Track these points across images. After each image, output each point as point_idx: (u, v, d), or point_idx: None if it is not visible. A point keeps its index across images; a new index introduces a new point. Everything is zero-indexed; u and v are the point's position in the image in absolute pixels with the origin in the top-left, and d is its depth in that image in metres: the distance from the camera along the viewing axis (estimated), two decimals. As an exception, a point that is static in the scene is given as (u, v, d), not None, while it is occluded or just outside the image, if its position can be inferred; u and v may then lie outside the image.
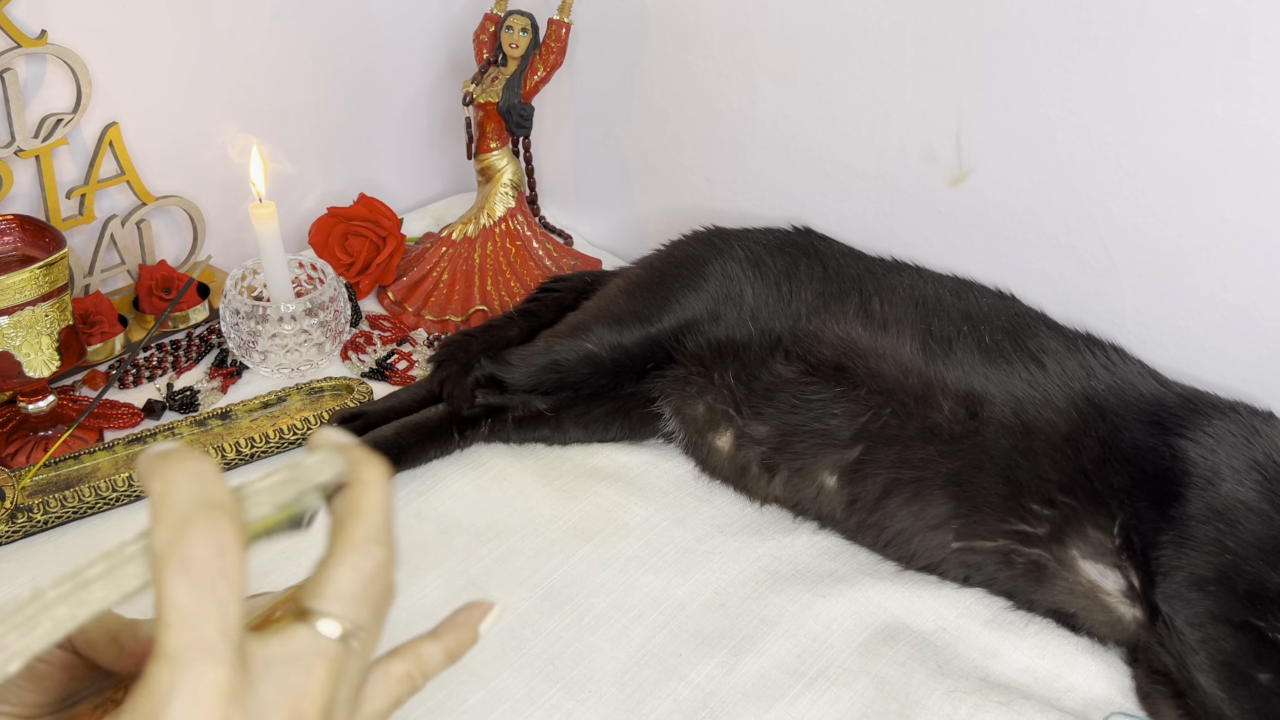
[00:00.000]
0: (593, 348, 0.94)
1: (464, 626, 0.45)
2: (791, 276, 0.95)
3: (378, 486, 0.40)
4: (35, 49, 0.94)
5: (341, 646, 0.37)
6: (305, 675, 0.36)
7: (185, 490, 0.34)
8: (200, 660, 0.33)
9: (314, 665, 0.36)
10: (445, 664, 0.44)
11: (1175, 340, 0.91)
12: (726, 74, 1.11)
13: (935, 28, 0.94)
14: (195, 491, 0.34)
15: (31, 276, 0.83)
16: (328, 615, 0.37)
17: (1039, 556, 0.79)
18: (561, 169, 1.33)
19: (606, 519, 0.89)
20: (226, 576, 0.33)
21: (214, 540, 0.33)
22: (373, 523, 0.39)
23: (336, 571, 0.38)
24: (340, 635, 0.37)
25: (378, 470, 0.40)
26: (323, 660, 0.36)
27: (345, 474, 0.39)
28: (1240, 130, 0.81)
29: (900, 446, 0.84)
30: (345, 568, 0.38)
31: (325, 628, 0.37)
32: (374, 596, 0.39)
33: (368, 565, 0.38)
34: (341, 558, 0.38)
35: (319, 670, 0.36)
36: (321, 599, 0.37)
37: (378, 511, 0.39)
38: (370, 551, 0.38)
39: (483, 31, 1.15)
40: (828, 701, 0.75)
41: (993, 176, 0.96)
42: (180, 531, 0.33)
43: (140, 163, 1.06)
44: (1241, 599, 0.71)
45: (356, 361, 1.07)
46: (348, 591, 0.38)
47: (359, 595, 0.38)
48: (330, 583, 0.38)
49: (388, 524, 0.40)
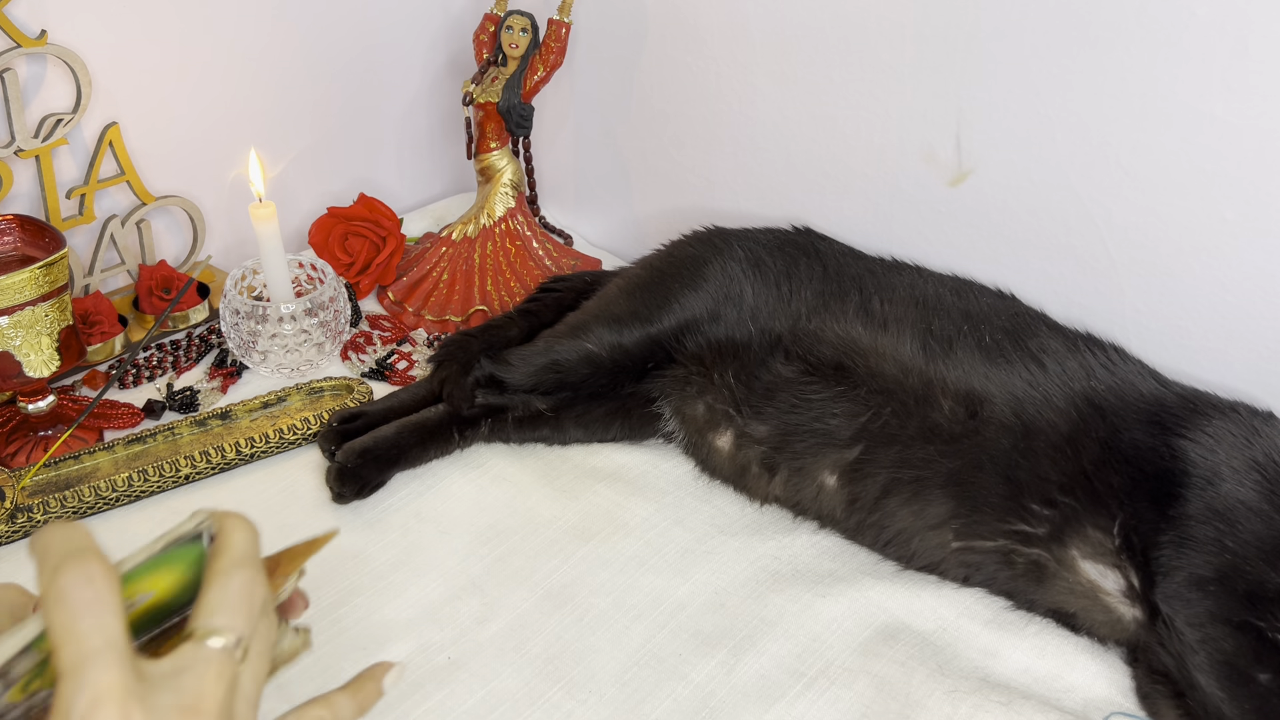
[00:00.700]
0: (593, 348, 0.94)
1: (371, 681, 0.53)
2: (791, 276, 0.95)
3: (237, 528, 0.46)
4: (35, 49, 0.94)
5: (226, 654, 0.43)
6: (198, 680, 0.41)
7: (56, 545, 0.41)
8: (91, 666, 0.39)
9: (204, 672, 0.42)
10: (356, 715, 0.51)
11: (1175, 340, 0.91)
12: (726, 74, 1.11)
13: (935, 28, 0.94)
14: (64, 543, 0.41)
15: (31, 276, 0.83)
16: (210, 630, 0.43)
17: (1039, 556, 0.79)
18: (561, 169, 1.33)
19: (606, 519, 0.89)
20: (100, 599, 0.40)
21: (82, 574, 0.40)
22: (235, 553, 0.45)
23: (210, 594, 0.44)
24: (223, 645, 0.43)
25: (236, 518, 0.47)
26: (211, 666, 0.42)
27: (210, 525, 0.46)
28: (1240, 130, 0.81)
29: (900, 446, 0.84)
30: (216, 589, 0.44)
31: (210, 641, 0.43)
32: (247, 609, 0.44)
33: (235, 583, 0.45)
34: (212, 582, 0.45)
35: (209, 675, 0.42)
36: (201, 617, 0.44)
37: (237, 545, 0.46)
38: (234, 573, 0.45)
39: (483, 31, 1.15)
40: (828, 701, 0.75)
41: (993, 176, 0.96)
42: (55, 574, 0.40)
43: (140, 163, 1.06)
44: (1241, 599, 0.71)
45: (356, 361, 1.07)
46: (222, 607, 0.44)
47: (233, 608, 0.44)
48: (206, 603, 0.44)
49: (249, 554, 0.46)
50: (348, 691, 0.51)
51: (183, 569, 0.46)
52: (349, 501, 0.89)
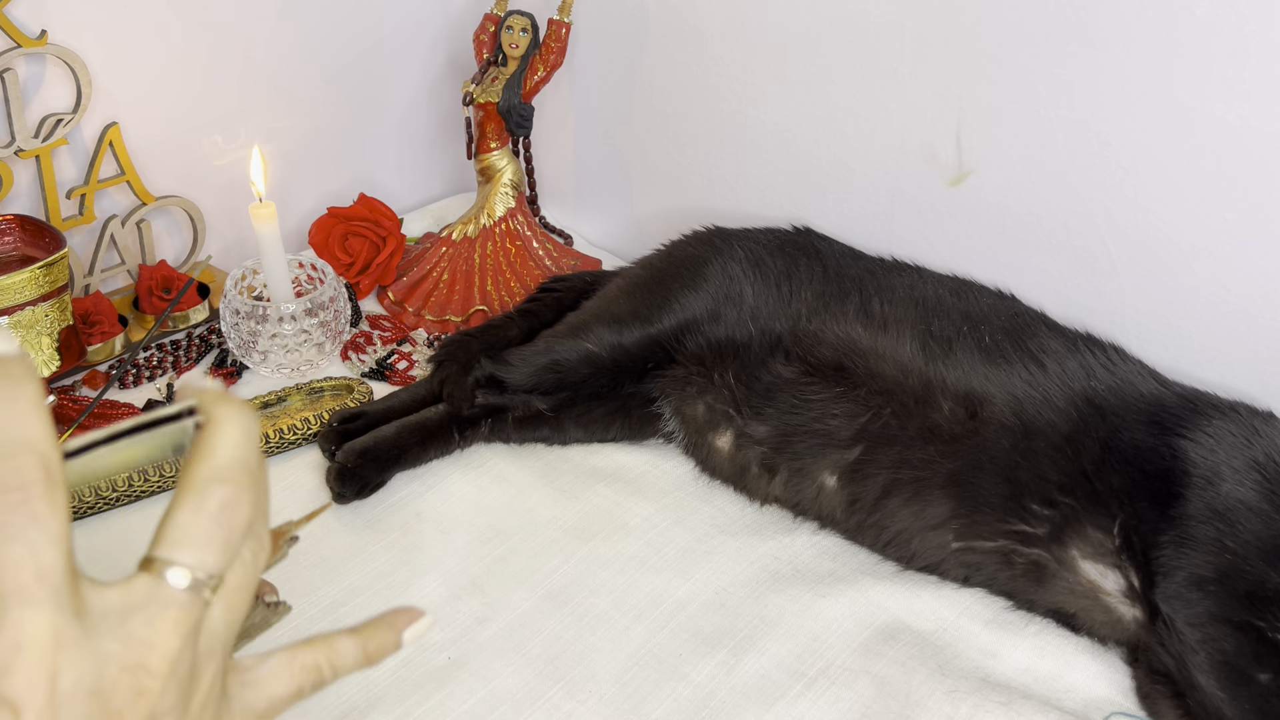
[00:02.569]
0: (593, 348, 0.94)
1: (389, 628, 0.43)
2: (791, 276, 0.95)
3: (228, 424, 0.37)
4: (35, 49, 0.94)
5: (190, 595, 0.34)
6: (148, 628, 0.33)
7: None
8: (16, 605, 0.31)
9: (157, 615, 0.34)
10: (361, 664, 0.41)
11: (1175, 340, 0.91)
12: (726, 74, 1.11)
13: (935, 28, 0.94)
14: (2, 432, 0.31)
15: (31, 276, 0.83)
16: (174, 563, 0.34)
17: (1039, 556, 0.79)
18: (561, 169, 1.33)
19: (606, 519, 0.89)
20: (36, 520, 0.31)
21: (16, 485, 0.31)
22: (217, 460, 0.36)
23: (179, 514, 0.35)
24: (190, 584, 0.34)
25: (230, 407, 0.37)
26: (168, 610, 0.34)
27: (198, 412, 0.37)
28: (1240, 130, 0.81)
29: (900, 446, 0.84)
30: (187, 509, 0.35)
31: (171, 576, 0.34)
32: (224, 540, 0.35)
33: (209, 505, 0.35)
34: (184, 499, 0.35)
35: (164, 621, 0.34)
36: (165, 545, 0.35)
37: (225, 449, 0.36)
38: (211, 491, 0.35)
39: (483, 31, 1.15)
40: (828, 701, 0.75)
41: (993, 176, 0.96)
42: None
43: (140, 163, 1.06)
44: (1241, 599, 0.71)
45: (356, 361, 1.07)
46: (190, 535, 0.35)
47: (204, 538, 0.35)
48: (173, 526, 0.35)
49: (238, 462, 0.36)
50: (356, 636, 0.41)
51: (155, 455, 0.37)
52: (349, 501, 0.89)
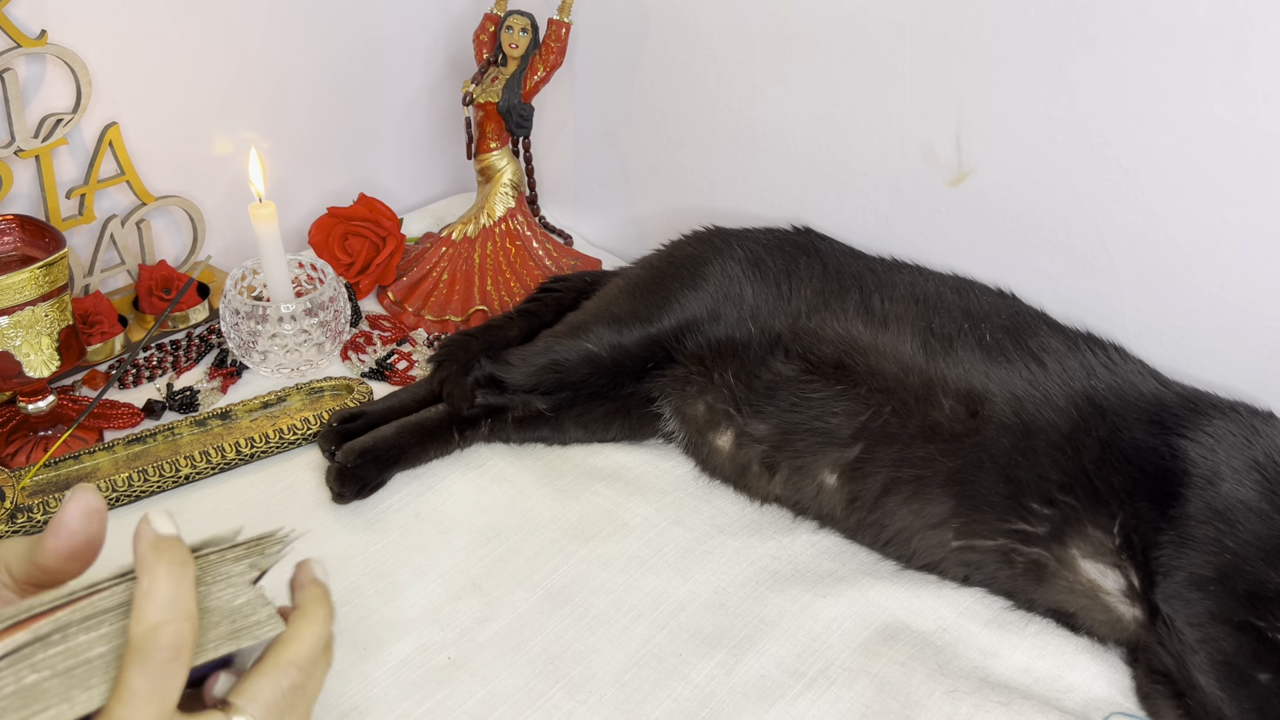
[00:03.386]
0: (593, 348, 0.94)
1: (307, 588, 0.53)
2: (791, 275, 0.95)
3: (315, 621, 0.49)
4: (35, 49, 0.94)
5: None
6: None
7: (165, 595, 0.43)
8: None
9: None
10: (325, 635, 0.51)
11: (1175, 340, 0.91)
12: (726, 74, 1.11)
13: (935, 28, 0.94)
14: (173, 599, 0.43)
15: (31, 276, 0.83)
16: (242, 712, 0.45)
17: (1039, 556, 0.79)
18: (561, 169, 1.33)
19: (606, 519, 0.89)
20: (176, 674, 0.42)
21: (174, 644, 0.42)
22: (299, 650, 0.47)
23: (260, 679, 0.46)
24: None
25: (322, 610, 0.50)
26: None
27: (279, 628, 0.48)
28: (1240, 130, 0.81)
29: (900, 445, 0.84)
30: (266, 678, 0.46)
31: (238, 717, 0.45)
32: (283, 709, 0.46)
33: (284, 681, 0.47)
34: (265, 669, 0.46)
35: None
36: (242, 697, 0.46)
37: (306, 641, 0.48)
38: (289, 671, 0.47)
39: (483, 31, 1.15)
40: (828, 701, 0.75)
41: (993, 176, 0.96)
42: (154, 632, 0.42)
43: (140, 163, 1.06)
44: (1241, 599, 0.71)
45: (356, 361, 1.07)
46: (262, 696, 0.46)
47: (271, 703, 0.46)
48: (252, 687, 0.46)
49: (312, 657, 0.48)
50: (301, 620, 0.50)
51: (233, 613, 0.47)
52: (349, 501, 0.89)
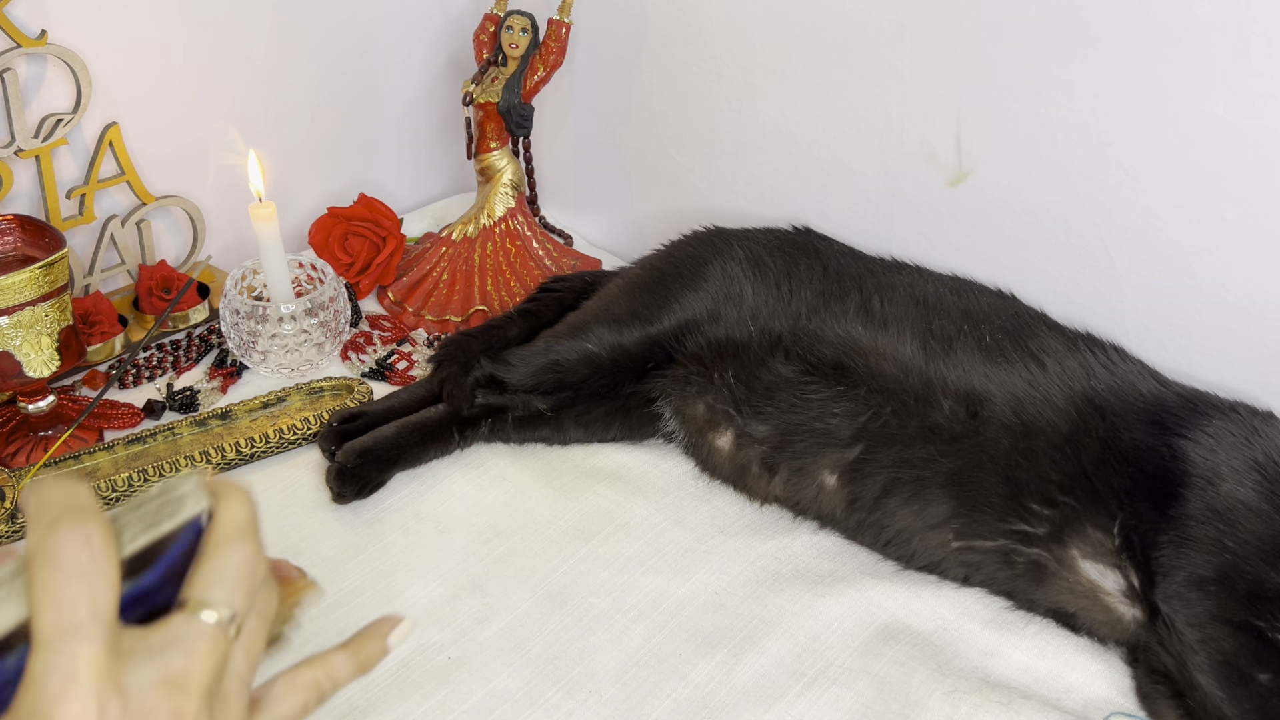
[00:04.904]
0: (593, 348, 0.94)
1: (374, 637, 0.49)
2: (791, 276, 0.95)
3: (238, 498, 0.44)
4: (35, 49, 0.94)
5: (220, 630, 0.40)
6: (186, 656, 0.39)
7: (55, 500, 0.38)
8: (72, 639, 0.36)
9: (194, 646, 0.39)
10: (355, 674, 0.47)
11: (1175, 340, 0.91)
12: (726, 74, 1.11)
13: (935, 28, 0.94)
14: (64, 499, 0.38)
15: (31, 276, 0.83)
16: (204, 603, 0.40)
17: (1039, 556, 0.79)
18: (561, 169, 1.33)
19: (606, 519, 0.89)
20: (95, 563, 0.37)
21: (80, 533, 0.37)
22: (235, 523, 0.42)
23: (207, 564, 0.41)
24: (217, 620, 0.40)
25: (236, 488, 0.44)
26: (202, 641, 0.39)
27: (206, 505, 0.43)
28: (1240, 130, 0.81)
29: (900, 446, 0.84)
30: (214, 559, 0.41)
31: (202, 614, 0.40)
32: (245, 585, 0.42)
33: (235, 556, 0.42)
34: (211, 552, 0.42)
35: (199, 650, 0.39)
36: (196, 588, 0.41)
37: (240, 515, 0.43)
38: (236, 544, 0.42)
39: (483, 31, 1.15)
40: (828, 701, 0.75)
41: (993, 176, 0.96)
42: (50, 529, 0.37)
43: (140, 163, 1.06)
44: (1241, 599, 0.71)
45: (356, 361, 1.07)
46: (220, 579, 0.41)
47: (231, 582, 0.41)
48: (203, 573, 0.41)
49: (251, 525, 0.43)
50: (347, 650, 0.48)
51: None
52: (349, 501, 0.89)
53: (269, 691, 0.44)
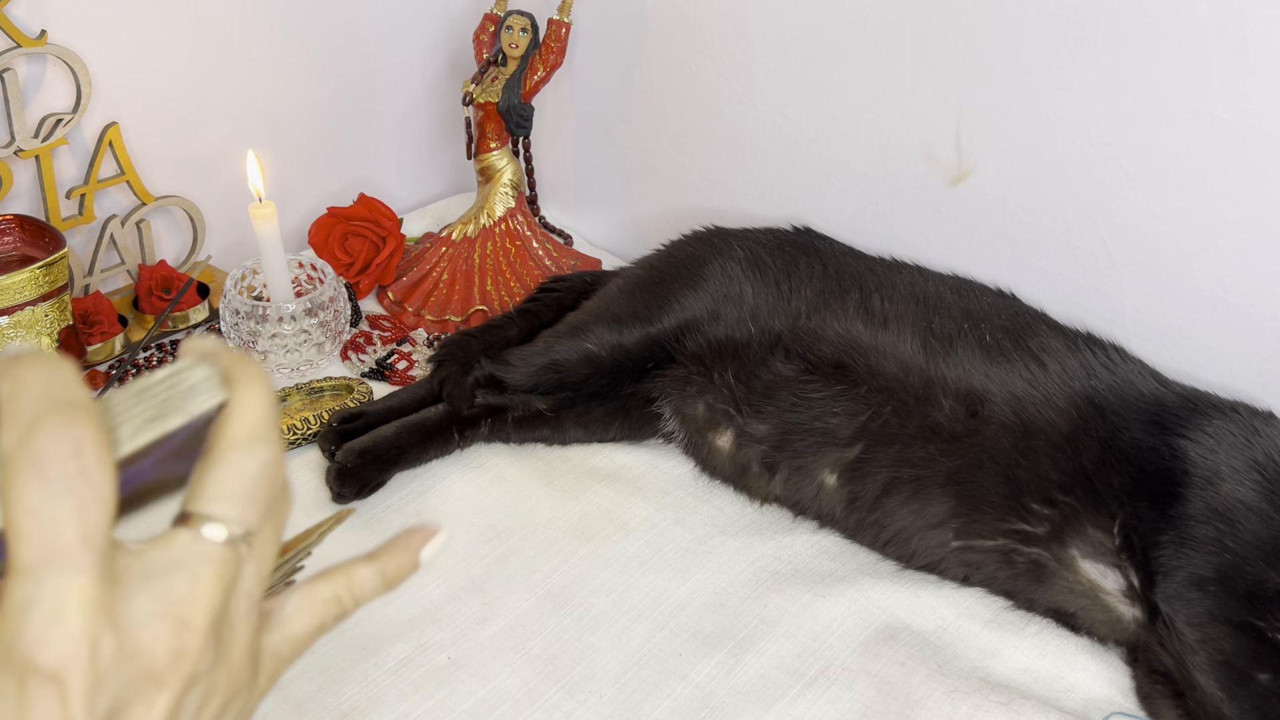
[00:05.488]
0: (593, 348, 0.94)
1: (404, 551, 0.42)
2: (791, 275, 0.95)
3: (257, 383, 0.36)
4: (35, 49, 0.94)
5: (230, 550, 0.34)
6: (190, 583, 0.33)
7: (38, 389, 0.31)
8: (59, 569, 0.30)
9: (199, 571, 0.33)
10: (380, 589, 0.41)
11: (1175, 340, 0.91)
12: (726, 74, 1.11)
13: (935, 28, 0.94)
14: (49, 390, 0.31)
15: (31, 276, 0.83)
16: (212, 518, 0.34)
17: (1039, 556, 0.79)
18: (561, 169, 1.33)
19: (606, 519, 0.89)
20: (86, 476, 0.30)
21: (69, 437, 0.30)
22: (253, 418, 0.35)
23: (217, 471, 0.34)
24: (227, 538, 0.34)
25: (256, 369, 0.37)
26: (209, 565, 0.33)
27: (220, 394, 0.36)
28: (1240, 130, 0.81)
29: (900, 445, 0.84)
30: (227, 467, 0.34)
31: (210, 531, 0.34)
32: (261, 497, 0.35)
33: (251, 463, 0.35)
34: (223, 456, 0.35)
35: (205, 576, 0.33)
36: (204, 501, 0.34)
37: (258, 408, 0.36)
38: (253, 449, 0.35)
39: (483, 31, 1.15)
40: (828, 701, 0.75)
41: (993, 176, 0.96)
42: (31, 430, 0.30)
43: (140, 163, 1.06)
44: (1241, 599, 0.71)
45: (356, 361, 1.07)
46: (232, 491, 0.34)
47: (245, 495, 0.35)
48: (212, 483, 0.34)
49: (271, 422, 0.36)
50: (373, 562, 0.41)
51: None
52: (349, 501, 0.89)
53: (282, 606, 0.38)
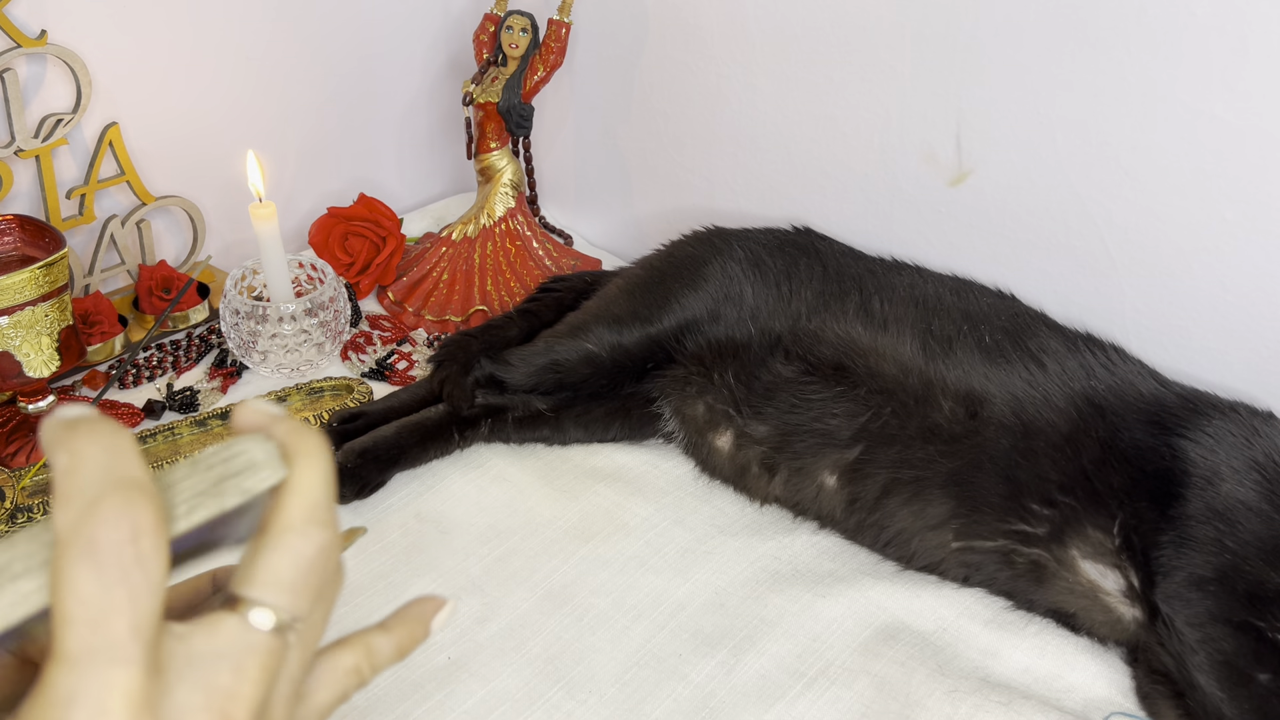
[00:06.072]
0: (593, 348, 0.94)
1: (416, 621, 0.41)
2: (791, 276, 0.95)
3: (318, 460, 0.35)
4: (35, 49, 0.94)
5: (277, 640, 0.33)
6: (234, 674, 0.32)
7: (96, 465, 0.30)
8: (106, 663, 0.29)
9: (245, 662, 0.32)
10: (395, 658, 0.40)
11: (1175, 340, 0.91)
12: (726, 74, 1.11)
13: (935, 28, 0.94)
14: (108, 467, 0.30)
15: (31, 276, 0.83)
16: (261, 605, 0.33)
17: (1039, 556, 0.79)
18: (561, 169, 1.33)
19: (606, 519, 0.90)
20: (142, 564, 0.29)
21: (128, 522, 0.29)
22: (312, 500, 0.34)
23: (271, 555, 0.33)
24: (275, 627, 0.33)
25: (316, 443, 0.35)
26: (255, 656, 0.32)
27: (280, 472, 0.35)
28: (1240, 130, 0.81)
29: (900, 446, 0.84)
30: (281, 551, 0.33)
31: (258, 619, 0.33)
32: (314, 584, 0.34)
33: (307, 549, 0.34)
34: (277, 540, 0.33)
35: (250, 667, 0.32)
36: (255, 586, 0.33)
37: (317, 488, 0.35)
38: (310, 533, 0.34)
39: (483, 31, 1.15)
40: (828, 701, 0.75)
41: (993, 176, 0.96)
42: (89, 512, 0.29)
43: (140, 163, 1.06)
44: (1241, 599, 0.71)
45: (356, 361, 1.07)
46: (284, 578, 0.33)
47: (297, 582, 0.33)
48: (264, 568, 0.33)
49: (329, 503, 0.35)
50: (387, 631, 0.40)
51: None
52: (349, 502, 0.89)
53: (307, 680, 0.37)
